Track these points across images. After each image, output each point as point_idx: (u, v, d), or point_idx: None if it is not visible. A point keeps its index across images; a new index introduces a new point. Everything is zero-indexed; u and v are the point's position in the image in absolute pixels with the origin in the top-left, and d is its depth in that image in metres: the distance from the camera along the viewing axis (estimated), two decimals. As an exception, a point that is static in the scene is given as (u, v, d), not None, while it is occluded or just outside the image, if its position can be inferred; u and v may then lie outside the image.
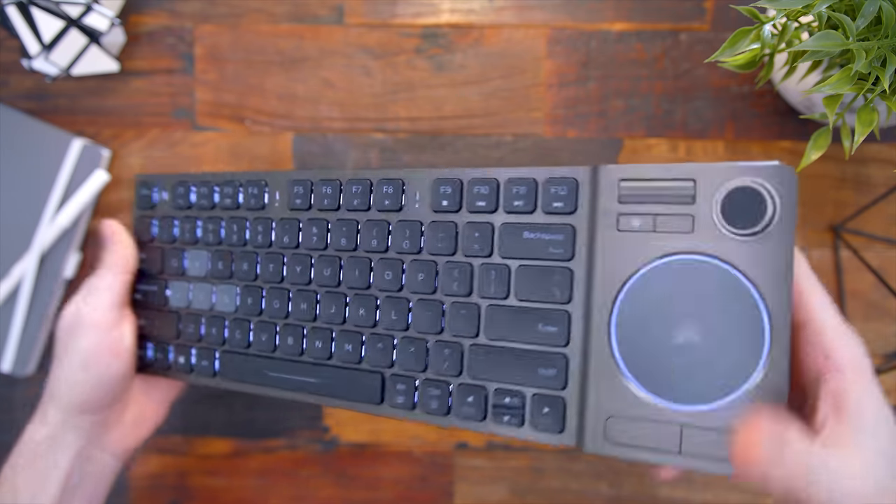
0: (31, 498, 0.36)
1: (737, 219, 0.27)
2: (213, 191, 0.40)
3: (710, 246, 0.27)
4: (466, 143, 0.48)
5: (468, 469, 0.48)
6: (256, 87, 0.49)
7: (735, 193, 0.27)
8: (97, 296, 0.38)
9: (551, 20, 0.48)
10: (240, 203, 0.39)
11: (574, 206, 0.30)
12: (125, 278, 0.40)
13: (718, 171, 0.27)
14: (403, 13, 0.48)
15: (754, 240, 0.27)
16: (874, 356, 0.47)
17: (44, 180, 0.48)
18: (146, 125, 0.49)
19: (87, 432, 0.38)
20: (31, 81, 0.49)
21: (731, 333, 0.27)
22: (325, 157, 0.48)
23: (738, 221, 0.27)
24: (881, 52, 0.31)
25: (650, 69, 0.47)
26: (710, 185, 0.27)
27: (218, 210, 0.39)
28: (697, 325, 0.27)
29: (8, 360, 0.47)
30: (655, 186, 0.28)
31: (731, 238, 0.27)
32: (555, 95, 0.48)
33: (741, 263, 0.27)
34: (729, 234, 0.27)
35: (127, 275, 0.40)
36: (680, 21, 0.47)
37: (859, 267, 0.47)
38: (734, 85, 0.47)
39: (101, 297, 0.38)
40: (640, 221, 0.28)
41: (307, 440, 0.48)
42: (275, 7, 0.48)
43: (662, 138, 0.47)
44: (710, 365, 0.27)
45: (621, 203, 0.29)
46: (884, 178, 0.47)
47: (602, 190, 0.29)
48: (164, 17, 0.49)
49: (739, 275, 0.27)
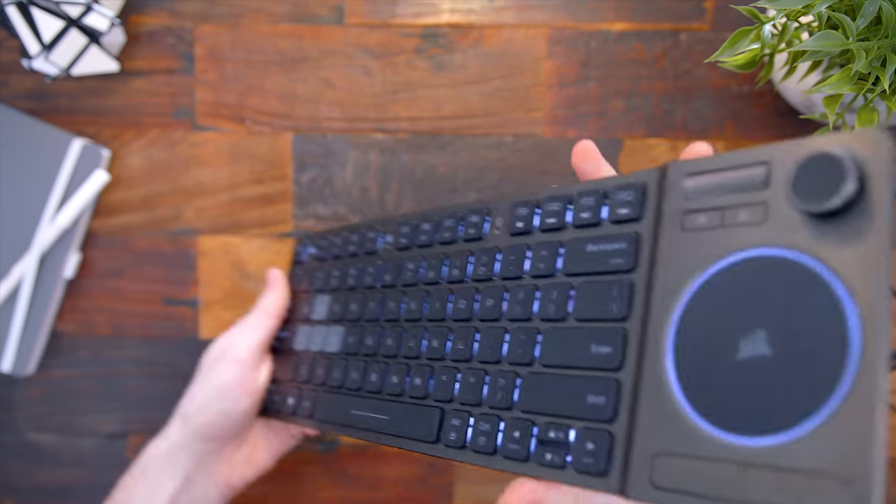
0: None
1: (810, 193, 0.21)
2: (338, 241, 0.42)
3: (784, 235, 0.22)
4: (466, 143, 0.48)
5: (468, 469, 0.48)
6: (256, 87, 0.49)
7: (809, 163, 0.21)
8: (246, 335, 0.41)
9: (551, 20, 0.48)
10: (355, 251, 0.40)
11: (640, 212, 0.26)
12: (274, 322, 0.42)
13: (795, 146, 0.22)
14: (403, 13, 0.48)
15: (837, 222, 0.21)
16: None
17: (44, 180, 0.48)
18: (146, 125, 0.49)
19: (200, 457, 0.40)
20: (31, 81, 0.49)
21: (810, 342, 0.20)
22: (325, 157, 0.48)
23: (812, 196, 0.21)
24: (881, 52, 0.31)
25: (650, 69, 0.47)
26: (785, 164, 0.22)
27: (344, 258, 0.41)
28: (769, 335, 0.21)
29: (8, 360, 0.47)
30: (725, 177, 0.24)
31: (809, 223, 0.21)
32: (555, 95, 0.48)
33: (821, 251, 0.21)
34: (806, 218, 0.21)
35: (276, 319, 0.42)
36: (680, 21, 0.47)
37: (859, 267, 0.47)
38: (734, 85, 0.47)
39: (249, 337, 0.41)
40: (706, 218, 0.24)
41: (307, 440, 0.48)
42: (275, 7, 0.48)
43: (662, 138, 0.47)
44: (783, 384, 0.20)
45: (687, 200, 0.25)
46: (884, 178, 0.47)
47: (668, 190, 0.25)
48: (164, 17, 0.49)
49: (818, 265, 0.21)
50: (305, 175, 0.49)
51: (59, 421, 0.50)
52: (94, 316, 0.49)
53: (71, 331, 0.49)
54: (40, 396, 0.49)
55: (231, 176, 0.49)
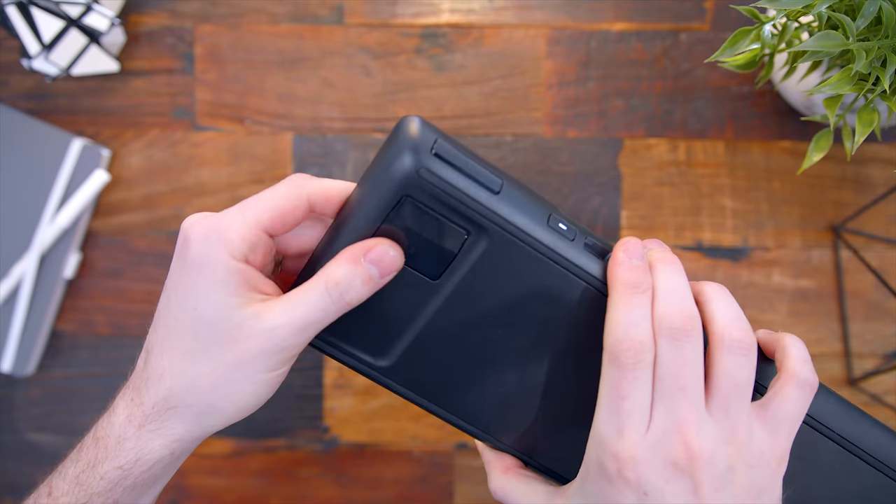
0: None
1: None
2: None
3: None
4: (466, 143, 0.48)
5: (468, 469, 0.48)
6: (256, 87, 0.49)
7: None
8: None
9: (551, 20, 0.48)
10: None
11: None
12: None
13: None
14: (403, 13, 0.48)
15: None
16: (874, 356, 0.47)
17: (44, 180, 0.48)
18: (146, 125, 0.49)
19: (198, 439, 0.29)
20: (31, 81, 0.49)
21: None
22: (325, 157, 0.48)
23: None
24: (881, 52, 0.31)
25: (650, 69, 0.47)
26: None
27: None
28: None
29: (8, 360, 0.47)
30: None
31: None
32: (555, 95, 0.48)
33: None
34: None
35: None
36: (680, 21, 0.47)
37: (859, 267, 0.47)
38: (734, 85, 0.47)
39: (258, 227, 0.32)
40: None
41: (307, 440, 0.48)
42: (275, 7, 0.48)
43: (662, 138, 0.47)
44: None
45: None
46: (884, 178, 0.47)
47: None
48: (164, 17, 0.49)
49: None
50: (305, 175, 0.49)
51: (59, 421, 0.50)
52: (94, 316, 0.49)
53: (71, 331, 0.49)
54: (40, 396, 0.50)
55: (231, 176, 0.49)
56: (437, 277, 0.26)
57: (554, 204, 0.28)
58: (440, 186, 0.24)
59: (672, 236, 0.48)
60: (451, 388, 0.28)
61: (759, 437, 0.25)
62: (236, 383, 0.25)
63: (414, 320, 0.27)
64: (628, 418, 0.24)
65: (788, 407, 0.25)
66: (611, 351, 0.24)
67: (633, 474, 0.24)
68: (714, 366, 0.25)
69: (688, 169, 0.47)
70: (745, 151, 0.47)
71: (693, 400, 0.24)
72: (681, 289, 0.25)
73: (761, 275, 0.47)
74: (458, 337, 0.27)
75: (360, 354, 0.28)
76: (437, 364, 0.28)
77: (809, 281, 0.47)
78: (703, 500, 0.24)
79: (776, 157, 0.47)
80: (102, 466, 0.26)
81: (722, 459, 0.24)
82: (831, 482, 0.27)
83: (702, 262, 0.47)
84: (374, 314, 0.27)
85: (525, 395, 0.29)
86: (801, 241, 0.47)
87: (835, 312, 0.47)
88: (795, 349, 0.26)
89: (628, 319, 0.24)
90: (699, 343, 0.24)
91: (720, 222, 0.47)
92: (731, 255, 0.47)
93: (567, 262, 0.26)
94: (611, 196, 0.48)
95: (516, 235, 0.26)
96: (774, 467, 0.25)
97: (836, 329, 0.47)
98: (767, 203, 0.47)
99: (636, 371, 0.24)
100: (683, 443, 0.24)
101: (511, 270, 0.26)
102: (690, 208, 0.47)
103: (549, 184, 0.48)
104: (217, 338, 0.25)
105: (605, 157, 0.48)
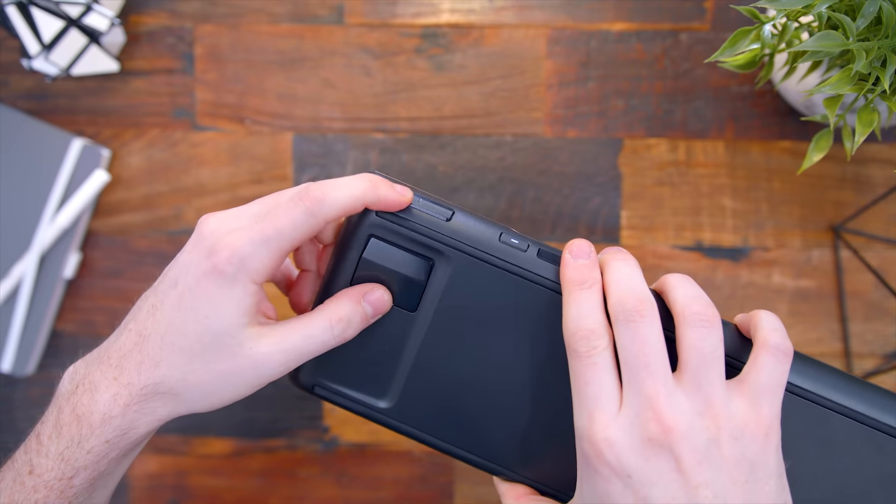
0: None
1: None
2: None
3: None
4: (466, 143, 0.48)
5: (468, 469, 0.48)
6: (256, 87, 0.49)
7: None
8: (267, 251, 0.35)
9: (551, 20, 0.48)
10: None
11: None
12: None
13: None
14: (403, 13, 0.48)
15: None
16: (874, 356, 0.47)
17: (44, 180, 0.48)
18: (146, 125, 0.49)
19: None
20: (31, 81, 0.49)
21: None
22: (325, 157, 0.48)
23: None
24: (881, 52, 0.31)
25: (650, 69, 0.47)
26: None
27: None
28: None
29: (8, 360, 0.48)
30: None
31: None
32: (555, 95, 0.48)
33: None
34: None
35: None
36: (680, 21, 0.47)
37: (859, 267, 0.47)
38: (734, 85, 0.47)
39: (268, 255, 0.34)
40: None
41: (307, 440, 0.49)
42: (275, 7, 0.48)
43: (662, 138, 0.47)
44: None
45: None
46: (884, 178, 0.47)
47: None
48: (164, 17, 0.49)
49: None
50: (305, 175, 0.49)
51: (59, 421, 0.50)
52: (94, 316, 0.49)
53: (71, 331, 0.49)
54: (40, 396, 0.49)
55: (231, 176, 0.49)
56: (415, 308, 0.29)
57: (507, 225, 0.30)
58: (396, 221, 0.28)
59: (672, 236, 0.48)
60: (453, 420, 0.30)
61: (740, 409, 0.25)
62: (222, 389, 0.28)
63: (403, 353, 0.29)
64: (595, 402, 0.25)
65: (764, 375, 0.25)
66: (568, 345, 0.26)
67: (611, 455, 0.24)
68: (679, 342, 0.25)
69: (688, 169, 0.47)
70: (745, 151, 0.47)
71: (658, 375, 0.24)
72: (629, 276, 0.26)
73: (761, 275, 0.47)
74: (449, 366, 0.29)
75: (361, 398, 0.30)
76: (435, 398, 0.30)
77: (809, 281, 0.47)
78: (688, 475, 0.23)
79: (776, 157, 0.47)
80: (88, 442, 0.27)
81: (700, 432, 0.24)
82: (830, 451, 0.28)
83: (702, 262, 0.47)
84: (368, 355, 0.30)
85: (524, 416, 0.29)
86: (801, 241, 0.47)
87: (835, 312, 0.47)
88: (766, 321, 0.27)
89: (578, 313, 0.26)
90: (655, 322, 0.25)
91: (720, 222, 0.47)
92: (731, 255, 0.47)
93: (524, 272, 0.28)
94: (611, 196, 0.48)
95: (473, 255, 0.28)
96: (762, 439, 0.25)
97: (836, 329, 0.47)
98: (767, 203, 0.47)
99: (591, 357, 0.25)
100: (655, 417, 0.24)
101: (478, 289, 0.28)
102: (690, 208, 0.47)
103: (549, 184, 0.48)
104: (217, 348, 0.27)
105: (605, 157, 0.48)
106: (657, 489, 0.23)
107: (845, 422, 0.27)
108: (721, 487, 0.24)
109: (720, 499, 0.23)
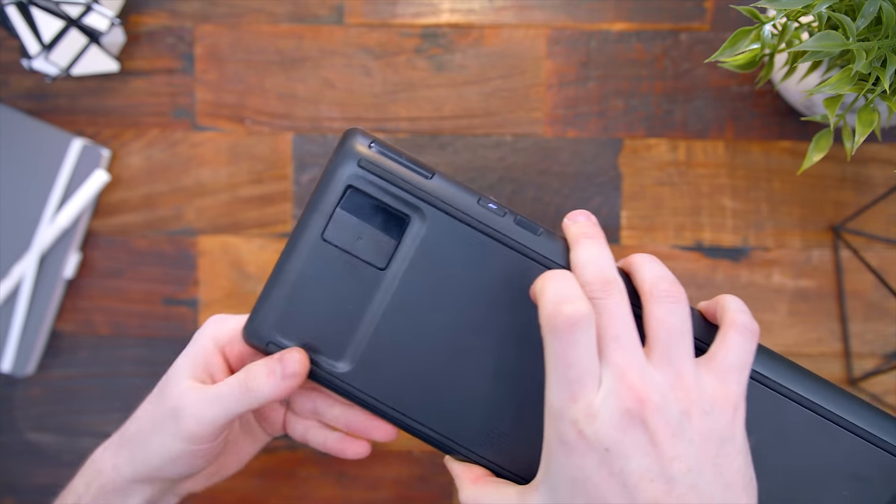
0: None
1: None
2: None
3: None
4: (466, 143, 0.48)
5: (468, 469, 0.48)
6: (256, 87, 0.49)
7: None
8: (213, 405, 0.36)
9: (551, 20, 0.48)
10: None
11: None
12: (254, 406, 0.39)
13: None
14: (403, 13, 0.48)
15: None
16: (874, 356, 0.47)
17: (44, 180, 0.48)
18: (146, 125, 0.49)
19: (162, 487, 0.35)
20: (31, 81, 0.49)
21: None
22: (325, 157, 0.48)
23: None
24: (881, 52, 0.31)
25: (650, 69, 0.47)
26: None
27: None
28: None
29: (8, 360, 0.48)
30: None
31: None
32: (555, 95, 0.48)
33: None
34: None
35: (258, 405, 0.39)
36: (680, 21, 0.47)
37: (859, 267, 0.47)
38: (734, 85, 0.47)
39: (215, 410, 0.36)
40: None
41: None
42: (275, 7, 0.48)
43: (662, 138, 0.47)
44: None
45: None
46: (884, 178, 0.47)
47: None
48: (164, 17, 0.49)
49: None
50: (305, 175, 0.49)
51: (59, 421, 0.50)
52: (94, 316, 0.49)
53: (71, 331, 0.49)
54: (40, 396, 0.50)
55: (231, 176, 0.49)
56: (385, 266, 0.28)
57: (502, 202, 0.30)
58: (378, 174, 0.28)
59: (672, 236, 0.48)
60: (414, 391, 0.29)
61: (710, 385, 0.25)
62: (163, 445, 0.32)
63: (366, 312, 0.28)
64: (578, 383, 0.24)
65: (732, 353, 0.26)
66: (546, 324, 0.25)
67: (591, 430, 0.24)
68: (647, 318, 0.26)
69: (688, 169, 0.47)
70: (745, 151, 0.47)
71: (628, 348, 0.25)
72: (595, 256, 0.27)
73: (761, 275, 0.47)
74: (414, 330, 0.28)
75: (318, 359, 0.29)
76: (396, 364, 0.29)
77: (809, 281, 0.47)
78: (662, 448, 0.24)
79: (776, 157, 0.47)
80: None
81: (672, 404, 0.24)
82: (786, 438, 0.28)
83: (702, 262, 0.48)
84: (330, 312, 0.29)
85: (489, 390, 0.29)
86: (801, 241, 0.47)
87: (835, 312, 0.47)
88: (733, 303, 0.27)
89: (555, 293, 0.25)
90: (623, 298, 0.25)
91: (720, 222, 0.47)
92: (731, 256, 0.47)
93: (501, 236, 0.28)
94: (611, 196, 0.48)
95: (451, 213, 0.28)
96: (731, 414, 0.25)
97: (836, 329, 0.47)
98: (767, 203, 0.47)
99: (574, 334, 0.24)
100: (629, 388, 0.24)
101: (451, 250, 0.28)
102: (690, 208, 0.48)
103: (549, 184, 0.48)
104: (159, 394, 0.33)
105: (605, 157, 0.48)
106: (633, 462, 0.23)
107: (802, 411, 0.28)
108: (694, 461, 0.24)
109: (693, 472, 0.24)
